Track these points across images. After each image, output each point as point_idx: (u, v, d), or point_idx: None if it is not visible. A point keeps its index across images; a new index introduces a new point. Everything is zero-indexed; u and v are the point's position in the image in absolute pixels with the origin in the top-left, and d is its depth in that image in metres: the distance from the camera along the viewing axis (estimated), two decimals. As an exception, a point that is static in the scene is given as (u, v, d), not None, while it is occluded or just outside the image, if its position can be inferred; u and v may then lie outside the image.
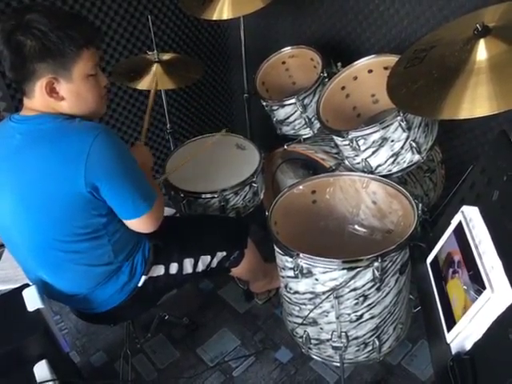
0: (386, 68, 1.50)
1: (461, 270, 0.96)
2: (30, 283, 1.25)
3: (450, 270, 1.01)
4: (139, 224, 1.20)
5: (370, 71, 1.60)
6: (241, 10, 1.75)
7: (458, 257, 0.99)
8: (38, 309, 1.16)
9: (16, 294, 1.20)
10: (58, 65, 1.05)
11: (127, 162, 1.13)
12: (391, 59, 1.45)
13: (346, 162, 1.62)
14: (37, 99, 1.09)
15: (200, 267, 1.44)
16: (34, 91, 1.08)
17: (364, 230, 1.60)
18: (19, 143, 1.09)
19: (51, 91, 1.07)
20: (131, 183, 1.14)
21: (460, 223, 1.01)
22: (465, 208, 1.01)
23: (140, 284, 1.33)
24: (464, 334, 0.91)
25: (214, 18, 1.76)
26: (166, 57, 1.95)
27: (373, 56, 1.57)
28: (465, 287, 0.93)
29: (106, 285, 1.27)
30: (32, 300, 1.18)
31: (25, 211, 1.12)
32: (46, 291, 1.26)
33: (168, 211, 1.95)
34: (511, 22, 1.17)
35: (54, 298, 1.32)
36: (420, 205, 1.35)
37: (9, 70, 1.06)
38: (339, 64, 1.71)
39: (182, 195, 1.67)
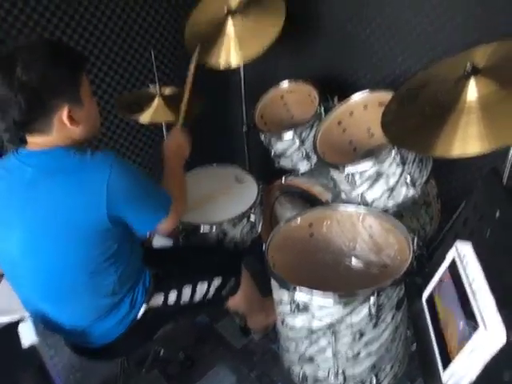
0: (380, 104, 1.53)
1: (455, 306, 0.96)
2: (26, 315, 1.24)
3: (446, 307, 1.00)
4: (160, 227, 1.28)
5: (366, 107, 1.64)
6: (246, 56, 1.79)
7: (452, 293, 0.99)
8: (32, 344, 1.15)
9: (11, 328, 1.19)
10: (68, 96, 1.09)
11: (142, 182, 1.20)
12: (386, 95, 1.48)
13: (343, 196, 1.63)
14: (54, 133, 1.10)
15: (197, 296, 1.44)
16: (51, 125, 1.09)
17: (361, 263, 1.60)
18: (31, 176, 1.09)
19: (71, 120, 1.10)
20: (149, 200, 1.22)
21: (454, 259, 1.01)
22: (459, 244, 1.02)
23: (139, 316, 1.32)
24: (459, 374, 0.89)
25: (222, 68, 1.81)
26: (167, 91, 1.99)
27: (368, 92, 1.61)
28: (460, 324, 0.92)
29: (106, 317, 1.27)
30: (27, 335, 1.17)
31: (36, 244, 1.12)
32: (45, 323, 1.25)
33: (165, 242, 1.96)
34: (500, 62, 1.21)
35: (53, 330, 1.31)
36: (415, 239, 1.35)
37: (24, 113, 1.04)
38: (336, 99, 1.76)
39: (180, 227, 1.68)
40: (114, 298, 1.26)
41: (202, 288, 1.45)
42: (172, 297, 1.40)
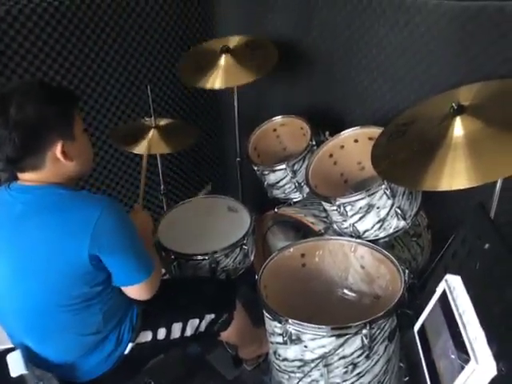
0: (370, 138, 1.59)
1: (447, 339, 0.98)
2: (13, 346, 1.23)
3: (437, 339, 1.02)
4: (136, 291, 1.22)
5: (356, 141, 1.69)
6: (233, 82, 1.89)
7: (443, 326, 1.01)
8: (21, 374, 1.14)
9: (0, 358, 1.18)
10: (62, 131, 1.11)
11: (130, 233, 1.17)
12: (375, 131, 1.54)
13: (335, 226, 1.66)
14: (47, 169, 1.12)
15: (188, 332, 1.43)
16: (45, 162, 1.11)
17: (353, 294, 1.61)
18: (21, 212, 1.11)
19: (64, 155, 1.12)
20: (132, 253, 1.17)
21: (444, 292, 1.04)
22: (448, 277, 1.04)
23: (126, 352, 1.31)
24: (452, 407, 0.90)
25: (208, 87, 1.89)
26: (162, 122, 2.03)
27: (358, 127, 1.67)
28: (451, 356, 0.94)
29: (92, 354, 1.25)
30: (16, 365, 1.17)
31: (22, 279, 1.13)
32: (30, 358, 1.23)
33: (158, 272, 1.95)
34: (485, 100, 1.27)
35: (38, 365, 1.28)
36: (407, 271, 1.37)
37: (17, 149, 1.07)
38: (327, 133, 1.81)
39: (172, 256, 1.68)
40: (99, 336, 1.25)
41: (192, 324, 1.44)
42: (161, 334, 1.38)
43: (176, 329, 1.40)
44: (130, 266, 1.18)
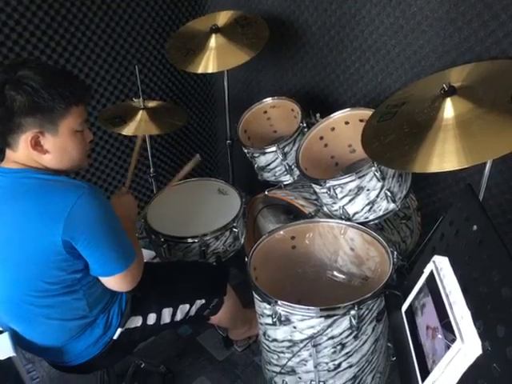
0: (361, 120, 1.58)
1: (433, 318, 0.99)
2: (1, 329, 1.22)
3: (424, 319, 1.03)
4: (114, 282, 1.18)
5: (347, 123, 1.68)
6: (225, 64, 1.85)
7: (430, 306, 1.02)
8: (9, 357, 1.13)
9: (-13, 341, 1.18)
10: (45, 120, 1.05)
11: (108, 221, 1.12)
12: (366, 112, 1.52)
13: (325, 209, 1.66)
14: (20, 152, 1.09)
15: (178, 316, 1.43)
16: (18, 144, 1.08)
17: (342, 276, 1.62)
18: None
19: (36, 144, 1.07)
20: (109, 243, 1.12)
21: (432, 272, 1.04)
22: (436, 258, 1.05)
23: (115, 337, 1.29)
24: (437, 385, 0.92)
25: (200, 72, 1.84)
26: (151, 104, 2.01)
27: (349, 109, 1.65)
28: (438, 336, 0.95)
29: (79, 338, 1.24)
30: (4, 348, 1.15)
31: (1, 266, 1.11)
32: (18, 341, 1.23)
33: (148, 254, 1.95)
34: (475, 82, 1.27)
35: (26, 349, 1.28)
36: (395, 252, 1.38)
37: None
38: (318, 115, 1.80)
39: (162, 239, 1.68)
40: (85, 320, 1.23)
41: (183, 309, 1.43)
42: (151, 319, 1.38)
43: (166, 314, 1.40)
44: (107, 257, 1.12)
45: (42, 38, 1.88)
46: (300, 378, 1.36)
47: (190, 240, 1.67)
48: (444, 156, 1.13)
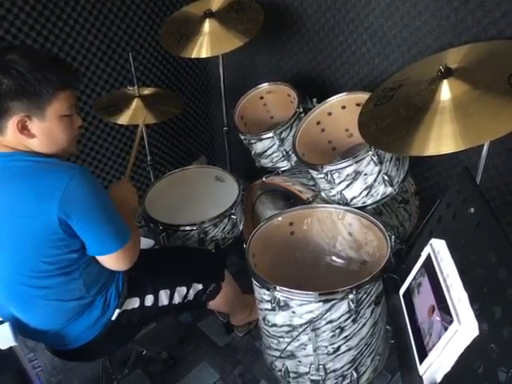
0: (358, 104, 1.56)
1: (431, 301, 0.99)
2: (2, 319, 1.23)
3: (422, 301, 1.04)
4: (110, 261, 1.20)
5: (344, 107, 1.67)
6: (219, 49, 1.83)
7: (428, 288, 1.02)
8: (10, 347, 1.15)
9: (-12, 331, 1.19)
10: (32, 104, 1.06)
11: (101, 200, 1.14)
12: (363, 96, 1.51)
13: (323, 194, 1.66)
14: (9, 136, 1.10)
15: (176, 299, 1.44)
16: (7, 128, 1.08)
17: (341, 260, 1.63)
18: None
19: (23, 128, 1.08)
20: (104, 221, 1.14)
21: (429, 256, 1.05)
22: (433, 241, 1.05)
23: (114, 318, 1.31)
24: (435, 366, 0.92)
25: (193, 56, 1.82)
26: (146, 91, 1.99)
27: (346, 93, 1.64)
28: (435, 318, 0.96)
29: (78, 320, 1.26)
30: (5, 338, 1.17)
31: None
32: (18, 328, 1.24)
33: (147, 243, 1.96)
34: (472, 63, 1.26)
35: (26, 335, 1.30)
36: (393, 237, 1.38)
37: None
38: (314, 100, 1.78)
39: (160, 227, 1.68)
40: (83, 301, 1.25)
41: (180, 292, 1.44)
42: (148, 300, 1.39)
43: (163, 296, 1.41)
44: (102, 235, 1.15)
45: (34, 26, 1.85)
46: (300, 361, 1.37)
47: (188, 228, 1.67)
48: (441, 139, 1.13)
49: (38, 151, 1.13)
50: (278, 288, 1.26)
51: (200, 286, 1.48)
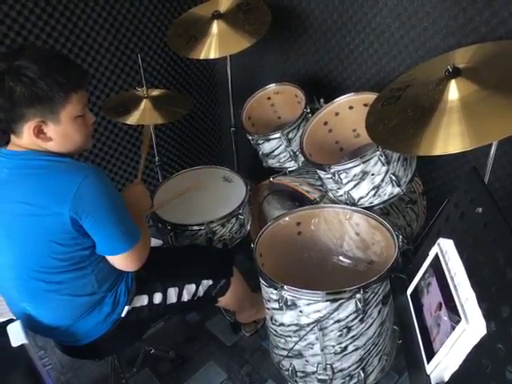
0: (365, 105, 1.57)
1: (438, 300, 0.99)
2: (14, 317, 1.25)
3: (429, 301, 1.04)
4: (119, 261, 1.23)
5: (351, 108, 1.67)
6: (227, 50, 1.84)
7: (435, 288, 1.02)
8: (22, 344, 1.16)
9: (0, 328, 1.20)
10: (46, 109, 1.08)
11: (113, 201, 1.16)
12: (370, 97, 1.51)
13: (330, 194, 1.66)
14: (25, 139, 1.12)
15: (185, 297, 1.45)
16: (23, 132, 1.11)
17: (348, 261, 1.63)
18: (6, 177, 1.12)
19: (39, 133, 1.10)
20: (114, 222, 1.16)
21: (437, 255, 1.05)
22: (441, 240, 1.05)
23: (123, 315, 1.33)
24: (442, 365, 0.93)
25: (202, 58, 1.83)
26: (155, 92, 2.00)
27: (353, 94, 1.65)
28: (443, 317, 0.96)
29: (88, 316, 1.27)
30: (16, 335, 1.18)
31: (8, 242, 1.15)
32: (30, 324, 1.26)
33: (155, 243, 1.97)
34: (480, 63, 1.25)
35: (37, 331, 1.32)
36: (401, 237, 1.38)
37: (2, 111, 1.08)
38: (322, 100, 1.79)
39: (168, 227, 1.69)
40: (94, 297, 1.27)
41: (189, 289, 1.46)
42: (157, 298, 1.40)
43: (172, 294, 1.42)
44: (112, 236, 1.17)
45: (44, 28, 1.87)
46: (307, 361, 1.37)
47: (196, 227, 1.68)
48: (448, 139, 1.13)
49: (53, 151, 1.15)
50: (285, 287, 1.26)
51: (210, 282, 1.49)
